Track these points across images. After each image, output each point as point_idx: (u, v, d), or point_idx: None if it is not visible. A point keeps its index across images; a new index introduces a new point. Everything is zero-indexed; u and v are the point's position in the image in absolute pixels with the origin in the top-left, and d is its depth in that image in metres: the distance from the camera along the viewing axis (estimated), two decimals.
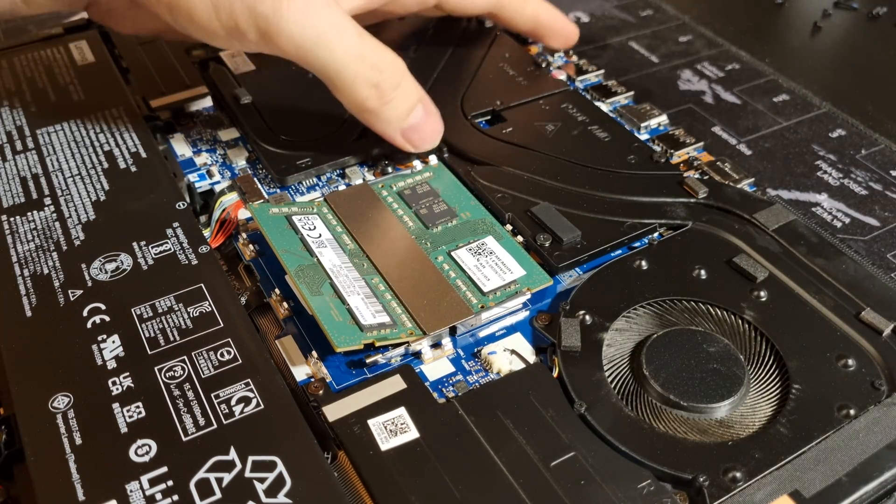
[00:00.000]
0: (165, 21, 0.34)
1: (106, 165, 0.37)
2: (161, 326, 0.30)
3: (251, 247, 0.35)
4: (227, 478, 0.25)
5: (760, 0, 0.55)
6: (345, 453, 0.26)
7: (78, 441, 0.26)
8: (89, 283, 0.31)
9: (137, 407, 0.27)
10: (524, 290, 0.31)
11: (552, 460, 0.26)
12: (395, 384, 0.28)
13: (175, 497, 0.24)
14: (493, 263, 0.32)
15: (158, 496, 0.24)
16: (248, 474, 0.25)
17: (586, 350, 0.29)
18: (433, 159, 0.38)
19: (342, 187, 0.38)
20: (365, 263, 0.33)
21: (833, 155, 0.41)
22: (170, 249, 0.33)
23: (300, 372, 0.30)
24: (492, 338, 0.31)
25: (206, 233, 0.35)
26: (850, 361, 0.29)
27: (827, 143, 0.42)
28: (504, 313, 0.32)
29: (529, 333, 0.31)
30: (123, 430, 0.26)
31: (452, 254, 0.33)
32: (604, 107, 0.43)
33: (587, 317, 0.31)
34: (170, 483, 0.25)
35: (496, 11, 0.45)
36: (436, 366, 0.30)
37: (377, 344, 0.29)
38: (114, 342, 0.29)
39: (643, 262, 0.33)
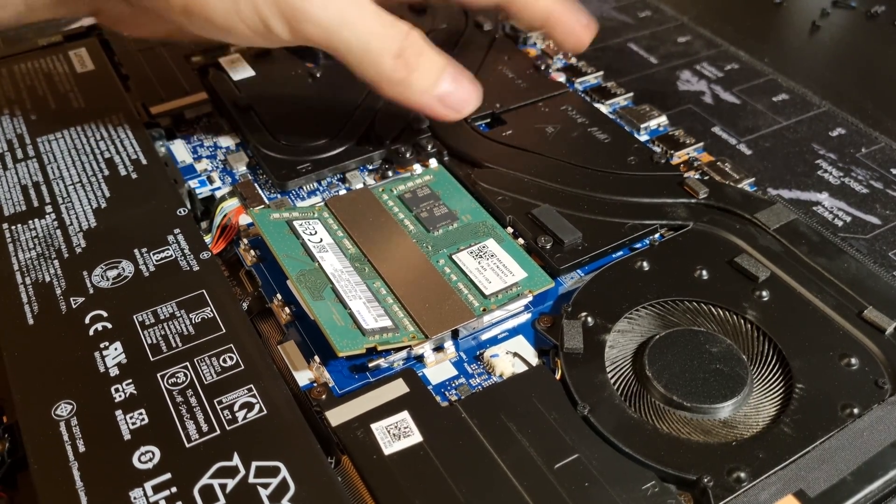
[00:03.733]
0: (178, 24, 0.34)
1: (106, 172, 0.37)
2: (163, 333, 0.30)
3: (252, 252, 0.35)
4: (231, 484, 0.25)
5: (759, 0, 0.55)
6: (348, 458, 0.26)
7: (81, 448, 0.26)
8: (91, 291, 0.31)
9: (140, 414, 0.27)
10: (526, 292, 0.31)
11: (556, 462, 0.26)
12: (398, 388, 0.28)
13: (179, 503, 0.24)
14: (495, 266, 0.32)
15: (162, 503, 0.24)
16: (251, 480, 0.25)
17: (589, 352, 0.29)
18: (433, 162, 0.38)
19: (343, 192, 0.38)
20: (366, 268, 0.33)
21: (833, 154, 0.41)
22: (171, 256, 0.33)
23: (303, 377, 0.30)
24: (494, 340, 0.31)
25: (208, 239, 0.35)
26: (853, 360, 0.29)
27: (827, 141, 0.42)
28: (506, 316, 0.32)
29: (532, 336, 0.31)
30: (126, 437, 0.26)
31: (454, 257, 0.33)
32: (603, 108, 0.43)
33: (589, 318, 0.31)
34: (173, 490, 0.25)
35: (506, 4, 0.41)
36: (438, 369, 0.30)
37: (379, 348, 0.29)
38: (116, 349, 0.29)
39: (645, 263, 0.33)
